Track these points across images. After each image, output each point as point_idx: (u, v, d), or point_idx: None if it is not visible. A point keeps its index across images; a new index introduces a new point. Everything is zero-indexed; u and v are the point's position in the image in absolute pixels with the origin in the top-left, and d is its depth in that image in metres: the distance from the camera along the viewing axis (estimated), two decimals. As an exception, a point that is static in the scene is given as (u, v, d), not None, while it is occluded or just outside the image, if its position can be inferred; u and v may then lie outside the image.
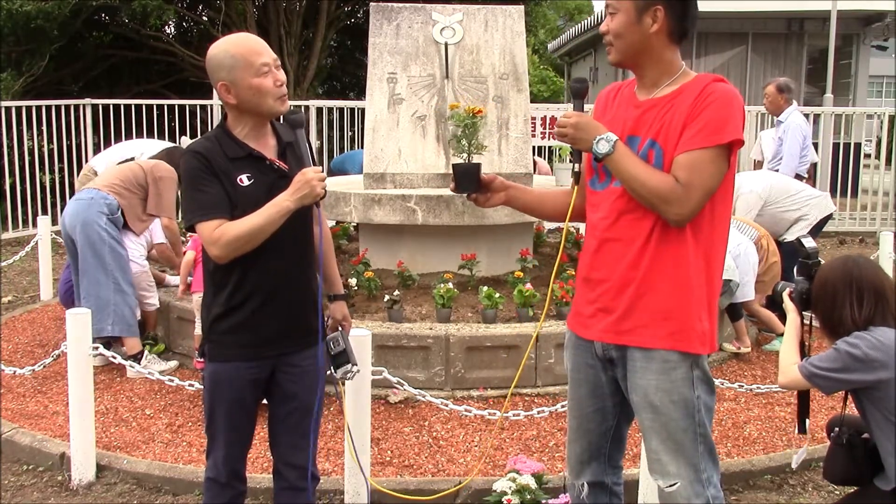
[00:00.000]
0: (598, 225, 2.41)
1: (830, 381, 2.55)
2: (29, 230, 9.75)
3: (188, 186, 2.52)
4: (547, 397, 4.62)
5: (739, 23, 15.52)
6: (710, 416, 2.40)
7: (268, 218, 2.46)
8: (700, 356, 2.35)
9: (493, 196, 2.62)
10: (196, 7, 15.00)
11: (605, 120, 2.43)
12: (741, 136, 2.25)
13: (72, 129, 10.58)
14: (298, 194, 2.46)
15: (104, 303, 5.06)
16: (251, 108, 2.53)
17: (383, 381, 3.79)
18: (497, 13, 6.03)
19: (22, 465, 4.02)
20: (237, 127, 2.57)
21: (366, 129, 5.91)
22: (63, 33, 11.78)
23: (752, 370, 5.35)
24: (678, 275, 2.29)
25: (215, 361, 2.63)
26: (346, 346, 2.78)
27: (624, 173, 2.27)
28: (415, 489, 3.61)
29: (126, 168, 5.48)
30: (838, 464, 2.65)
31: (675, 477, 2.36)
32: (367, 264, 5.45)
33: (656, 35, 2.30)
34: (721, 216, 2.35)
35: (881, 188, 11.59)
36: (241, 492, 2.76)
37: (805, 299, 2.72)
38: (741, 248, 5.42)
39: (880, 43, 17.93)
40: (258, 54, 2.50)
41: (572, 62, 23.57)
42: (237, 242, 2.45)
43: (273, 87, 2.50)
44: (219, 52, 2.52)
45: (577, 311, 2.52)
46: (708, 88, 2.25)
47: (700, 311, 2.32)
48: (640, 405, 2.38)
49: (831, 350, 2.56)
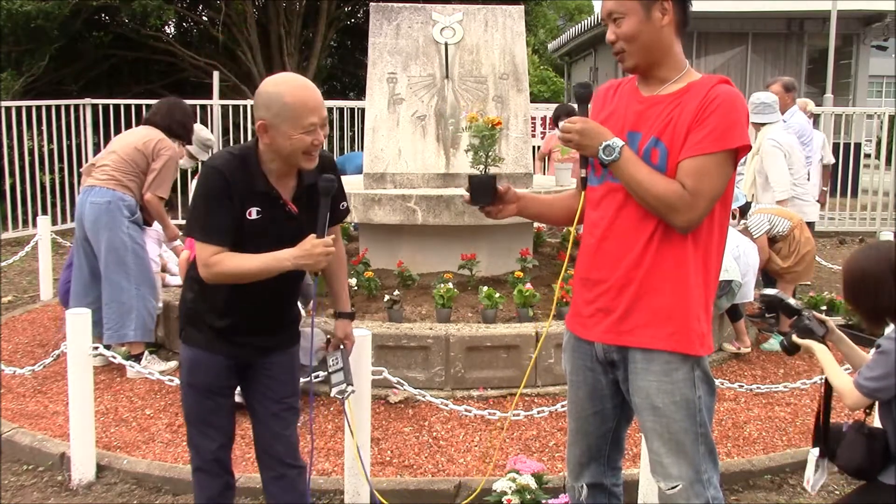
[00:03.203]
0: (597, 223, 2.39)
1: (887, 385, 2.42)
2: (29, 230, 9.74)
3: (201, 200, 2.52)
4: (547, 397, 4.62)
5: (739, 23, 15.53)
6: (710, 416, 2.40)
7: (262, 268, 2.49)
8: (700, 357, 2.35)
9: (505, 207, 2.59)
10: (196, 7, 15.00)
11: (604, 115, 2.41)
12: (748, 142, 2.24)
13: (72, 129, 10.58)
14: (301, 261, 2.48)
15: (127, 309, 5.07)
16: (280, 154, 2.51)
17: (383, 381, 3.79)
18: (497, 13, 6.04)
19: (22, 465, 4.02)
20: (266, 160, 2.54)
21: (366, 129, 5.91)
22: (63, 33, 11.78)
23: (752, 370, 5.35)
24: (678, 276, 2.29)
25: (191, 346, 2.68)
26: (344, 365, 2.79)
27: (630, 180, 2.25)
28: (415, 489, 3.61)
29: (128, 158, 5.17)
30: (856, 453, 2.60)
31: (676, 479, 2.36)
32: (367, 264, 5.45)
33: (666, 28, 2.28)
34: (720, 220, 2.35)
35: (881, 188, 11.59)
36: (231, 484, 2.80)
37: (810, 331, 2.64)
38: (741, 248, 5.42)
39: (880, 43, 17.93)
40: (310, 113, 2.45)
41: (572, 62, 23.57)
42: (227, 277, 2.50)
43: (309, 145, 2.48)
44: (274, 92, 2.46)
45: (576, 312, 2.50)
46: (714, 91, 2.23)
47: (698, 313, 2.32)
48: (642, 407, 2.37)
49: (874, 355, 2.46)
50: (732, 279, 5.20)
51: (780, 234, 5.75)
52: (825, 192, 8.48)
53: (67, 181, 10.58)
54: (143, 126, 5.47)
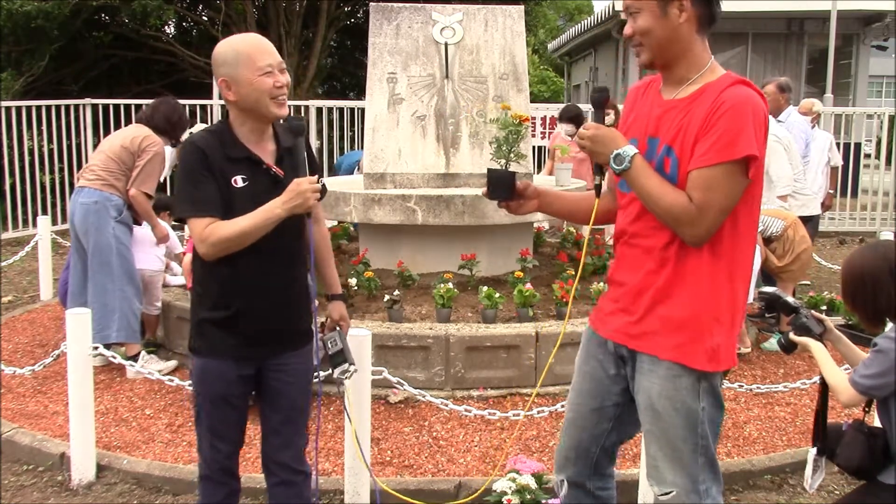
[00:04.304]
0: (623, 229, 2.40)
1: (883, 383, 2.42)
2: (29, 230, 9.74)
3: (184, 179, 2.53)
4: (547, 397, 4.62)
5: (739, 23, 15.51)
6: (714, 431, 2.35)
7: (257, 223, 2.47)
8: (708, 372, 2.28)
9: (526, 203, 2.56)
10: (196, 7, 15.00)
11: (631, 118, 2.40)
12: (755, 152, 2.13)
13: (72, 129, 10.58)
14: (290, 203, 2.47)
15: (110, 310, 5.06)
16: (249, 106, 2.53)
17: (383, 381, 3.79)
18: (497, 13, 6.04)
19: (22, 465, 4.02)
20: (238, 125, 2.58)
21: (366, 129, 5.91)
22: (63, 33, 11.78)
23: (752, 370, 5.35)
24: (694, 287, 2.25)
25: (203, 357, 2.64)
26: (343, 345, 2.78)
27: (640, 189, 2.23)
28: (415, 489, 3.61)
29: (115, 157, 5.15)
30: (855, 452, 2.60)
31: (671, 485, 2.34)
32: (367, 264, 5.45)
33: (685, 25, 2.23)
34: (745, 231, 2.27)
35: (881, 188, 11.59)
36: (235, 489, 2.77)
37: (808, 328, 2.65)
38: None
39: (880, 43, 17.93)
40: (263, 54, 2.50)
41: (572, 62, 23.58)
42: (225, 243, 2.47)
43: (272, 87, 2.49)
44: (225, 48, 2.53)
45: (600, 308, 2.53)
46: (724, 95, 2.16)
47: (712, 327, 2.26)
48: (644, 407, 2.37)
49: (871, 354, 2.46)
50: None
51: (774, 234, 5.76)
52: (832, 194, 8.33)
53: (67, 181, 10.58)
54: (132, 125, 5.53)
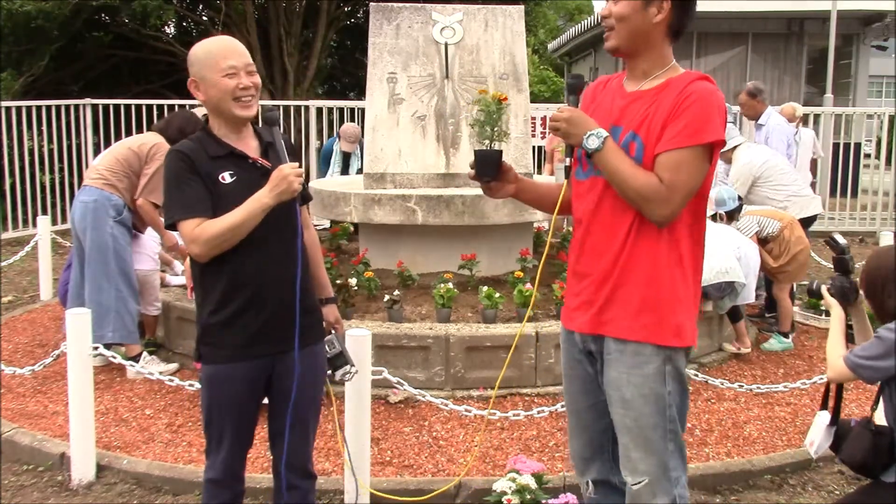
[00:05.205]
0: (582, 218, 2.45)
1: (873, 369, 2.56)
2: (29, 230, 9.74)
3: (170, 185, 2.53)
4: (547, 397, 4.62)
5: (739, 23, 15.52)
6: (682, 416, 2.41)
7: (246, 214, 2.47)
8: (675, 351, 2.35)
9: (505, 186, 2.60)
10: (196, 7, 15.01)
11: (591, 110, 2.44)
12: (722, 137, 2.29)
13: (72, 129, 10.59)
14: (276, 190, 2.47)
15: (105, 310, 5.04)
16: (214, 107, 2.56)
17: (383, 381, 3.79)
18: (497, 13, 6.04)
19: (22, 465, 4.02)
20: (216, 127, 2.60)
21: (366, 129, 5.91)
22: (63, 33, 11.79)
23: (752, 370, 5.35)
24: (652, 269, 2.32)
25: (210, 363, 2.63)
26: (341, 347, 2.78)
27: (611, 170, 2.29)
28: (415, 489, 3.61)
29: (121, 158, 5.16)
30: (860, 448, 2.64)
31: (643, 474, 2.38)
32: (367, 264, 5.45)
33: (658, 26, 2.32)
34: (696, 213, 2.38)
35: (881, 188, 11.60)
36: (240, 492, 2.76)
37: (844, 293, 2.75)
38: (741, 250, 5.42)
39: (880, 43, 17.94)
40: (228, 56, 2.51)
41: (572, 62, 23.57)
42: (217, 239, 2.47)
43: (234, 88, 2.50)
44: (196, 49, 2.57)
45: (566, 304, 2.56)
46: (690, 87, 2.27)
47: (673, 305, 2.33)
48: (613, 399, 2.40)
49: (873, 338, 2.59)
50: (735, 280, 5.20)
51: (770, 234, 5.77)
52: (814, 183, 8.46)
53: (67, 181, 10.59)
54: (148, 132, 5.54)
